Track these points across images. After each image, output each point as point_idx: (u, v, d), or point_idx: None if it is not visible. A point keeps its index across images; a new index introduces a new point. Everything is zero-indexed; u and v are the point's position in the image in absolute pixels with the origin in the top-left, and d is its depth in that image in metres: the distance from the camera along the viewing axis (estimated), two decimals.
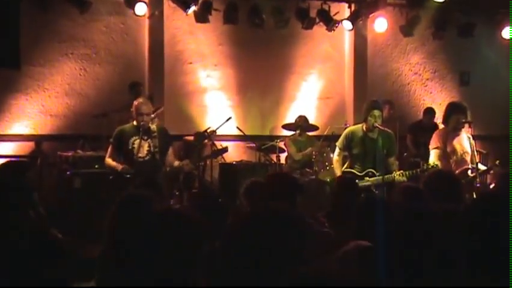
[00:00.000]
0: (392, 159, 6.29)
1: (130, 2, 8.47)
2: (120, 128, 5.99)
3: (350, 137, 6.30)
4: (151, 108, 6.11)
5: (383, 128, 6.20)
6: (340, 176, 6.07)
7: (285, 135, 8.73)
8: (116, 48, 9.03)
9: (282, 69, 9.77)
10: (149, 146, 5.81)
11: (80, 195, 6.92)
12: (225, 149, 8.18)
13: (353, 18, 9.31)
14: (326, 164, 7.93)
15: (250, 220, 1.89)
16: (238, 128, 8.87)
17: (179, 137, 8.26)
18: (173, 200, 7.18)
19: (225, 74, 9.54)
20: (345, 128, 6.90)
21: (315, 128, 8.80)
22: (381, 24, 9.63)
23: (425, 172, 5.76)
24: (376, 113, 6.12)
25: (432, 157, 5.98)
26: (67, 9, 8.50)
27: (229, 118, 8.61)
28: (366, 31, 9.88)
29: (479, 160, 6.92)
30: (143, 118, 5.75)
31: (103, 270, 2.82)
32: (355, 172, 6.18)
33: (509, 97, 9.12)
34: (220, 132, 8.37)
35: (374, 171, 6.11)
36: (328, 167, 7.79)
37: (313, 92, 9.95)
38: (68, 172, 7.20)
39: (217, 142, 8.39)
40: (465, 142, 5.98)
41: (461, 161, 5.93)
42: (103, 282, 2.78)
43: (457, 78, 10.63)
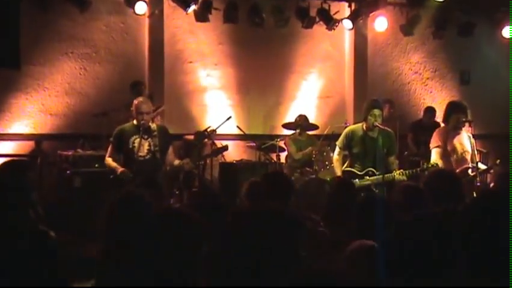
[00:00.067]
0: (392, 159, 6.28)
1: (130, 1, 8.46)
2: (120, 127, 5.98)
3: (350, 136, 6.29)
4: (151, 107, 6.10)
5: (383, 127, 6.20)
6: (336, 177, 6.07)
7: (285, 135, 8.72)
8: (116, 48, 9.02)
9: (282, 69, 9.76)
10: (150, 145, 5.80)
11: (80, 194, 6.93)
12: (225, 147, 8.19)
13: (353, 17, 9.30)
14: (326, 163, 7.92)
15: (242, 219, 1.89)
16: (238, 127, 8.87)
17: (179, 136, 8.25)
18: (173, 199, 7.20)
19: (225, 73, 9.53)
20: (345, 127, 6.88)
21: (315, 127, 8.79)
22: (381, 23, 9.62)
23: (425, 171, 5.76)
24: (376, 112, 6.11)
25: (434, 156, 5.97)
26: (67, 8, 8.50)
27: (229, 117, 8.61)
28: (367, 30, 9.87)
29: (480, 159, 6.92)
30: (143, 117, 5.73)
31: (102, 270, 2.81)
32: (355, 171, 6.17)
33: (509, 96, 9.12)
34: (220, 131, 8.37)
35: (374, 170, 6.10)
36: (328, 166, 7.78)
37: (313, 91, 9.95)
38: (68, 171, 7.21)
39: (217, 141, 8.39)
40: (465, 141, 5.97)
41: (461, 160, 5.92)
42: (103, 282, 2.78)
43: (457, 77, 10.62)
